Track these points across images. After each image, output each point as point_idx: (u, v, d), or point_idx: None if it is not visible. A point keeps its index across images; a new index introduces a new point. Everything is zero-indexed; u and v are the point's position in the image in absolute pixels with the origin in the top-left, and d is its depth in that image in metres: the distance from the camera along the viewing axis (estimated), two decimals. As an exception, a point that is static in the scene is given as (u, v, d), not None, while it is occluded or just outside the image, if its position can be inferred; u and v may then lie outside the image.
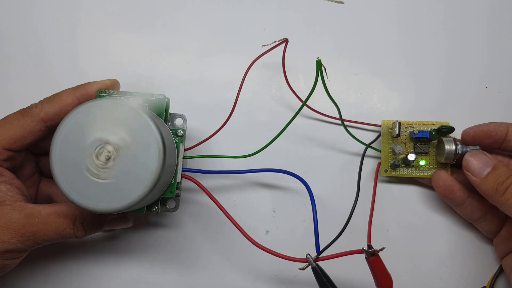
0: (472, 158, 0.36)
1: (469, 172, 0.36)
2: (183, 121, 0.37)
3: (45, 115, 0.33)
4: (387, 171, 0.40)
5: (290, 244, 0.41)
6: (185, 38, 0.44)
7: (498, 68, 0.43)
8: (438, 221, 0.41)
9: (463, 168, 0.37)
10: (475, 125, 0.38)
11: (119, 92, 0.35)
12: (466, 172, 0.36)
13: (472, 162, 0.36)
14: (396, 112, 0.43)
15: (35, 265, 0.40)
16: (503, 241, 0.38)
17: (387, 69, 0.44)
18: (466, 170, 0.36)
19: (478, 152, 0.36)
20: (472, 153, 0.36)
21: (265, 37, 0.44)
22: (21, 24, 0.44)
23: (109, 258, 0.40)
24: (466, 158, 0.36)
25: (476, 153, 0.36)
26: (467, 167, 0.36)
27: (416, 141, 0.40)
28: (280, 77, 0.43)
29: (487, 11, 0.44)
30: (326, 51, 0.44)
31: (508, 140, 0.37)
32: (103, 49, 0.44)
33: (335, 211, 0.41)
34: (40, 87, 0.43)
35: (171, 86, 0.43)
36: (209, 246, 0.41)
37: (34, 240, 0.31)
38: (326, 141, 0.43)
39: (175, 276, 0.40)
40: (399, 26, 0.45)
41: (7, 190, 0.32)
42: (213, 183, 0.42)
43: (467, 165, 0.36)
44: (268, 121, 0.43)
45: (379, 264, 0.33)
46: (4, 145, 0.32)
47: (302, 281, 0.40)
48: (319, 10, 0.45)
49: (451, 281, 0.40)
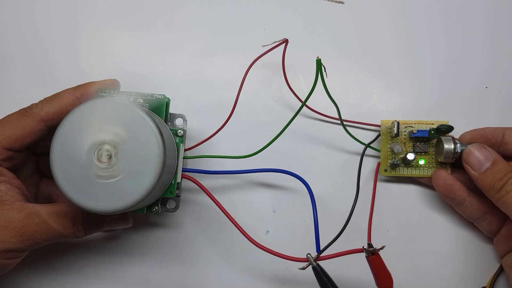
0: (473, 150, 0.36)
1: (469, 165, 0.36)
2: (183, 121, 0.37)
3: (46, 115, 0.33)
4: (387, 171, 0.40)
5: (290, 244, 0.41)
6: (185, 38, 0.44)
7: (498, 68, 0.43)
8: (438, 221, 0.41)
9: (462, 162, 0.37)
10: (471, 130, 0.38)
11: (119, 92, 0.35)
12: (466, 166, 0.36)
13: (473, 154, 0.35)
14: (396, 112, 0.43)
15: (35, 265, 0.39)
16: (504, 240, 0.38)
17: (387, 69, 0.44)
18: (465, 164, 0.36)
19: (480, 145, 0.36)
20: (474, 145, 0.36)
21: (265, 37, 0.44)
22: (21, 24, 0.44)
23: (109, 258, 0.40)
24: (468, 149, 0.36)
25: (478, 146, 0.36)
26: (467, 160, 0.36)
27: (416, 141, 0.40)
28: (280, 77, 0.43)
29: (487, 11, 0.44)
30: (326, 51, 0.44)
31: (505, 143, 0.37)
32: (103, 49, 0.44)
33: (335, 211, 0.41)
34: (40, 87, 0.43)
35: (171, 86, 0.43)
36: (209, 246, 0.41)
37: (34, 240, 0.31)
38: (326, 141, 0.43)
39: (175, 276, 0.40)
40: (399, 26, 0.45)
41: (7, 190, 0.32)
42: (213, 183, 0.42)
43: (467, 158, 0.36)
44: (268, 121, 0.43)
45: (379, 263, 0.33)
46: (4, 145, 0.32)
47: (302, 281, 0.40)
48: (319, 10, 0.45)
49: (451, 281, 0.40)
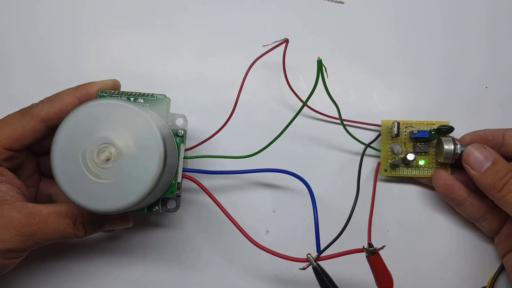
0: (473, 150, 0.36)
1: (469, 165, 0.36)
2: (184, 121, 0.37)
3: (46, 115, 0.33)
4: (387, 171, 0.40)
5: (290, 244, 0.41)
6: (185, 38, 0.44)
7: (498, 68, 0.43)
8: (438, 221, 0.41)
9: (462, 162, 0.37)
10: (471, 131, 0.39)
11: (119, 92, 0.35)
12: (466, 166, 0.36)
13: (473, 154, 0.35)
14: (396, 112, 0.43)
15: (35, 265, 0.39)
16: (505, 239, 0.38)
17: (387, 69, 0.44)
18: (465, 164, 0.36)
19: (480, 145, 0.36)
20: (474, 145, 0.36)
21: (265, 37, 0.44)
22: (21, 24, 0.44)
23: (109, 258, 0.40)
24: (468, 149, 0.36)
25: (478, 146, 0.36)
26: (467, 160, 0.36)
27: (416, 141, 0.40)
28: (280, 77, 0.43)
29: (487, 11, 0.44)
30: (326, 51, 0.44)
31: (505, 144, 0.37)
32: (104, 49, 0.44)
33: (335, 211, 0.41)
34: (40, 87, 0.43)
35: (171, 86, 0.43)
36: (210, 246, 0.41)
37: (34, 240, 0.31)
38: (326, 141, 0.43)
39: (176, 276, 0.40)
40: (399, 26, 0.45)
41: (7, 190, 0.32)
42: (213, 183, 0.42)
43: (467, 158, 0.36)
44: (268, 121, 0.43)
45: (379, 263, 0.33)
46: (4, 145, 0.32)
47: (302, 281, 0.40)
48: (319, 10, 0.45)
49: (451, 281, 0.40)
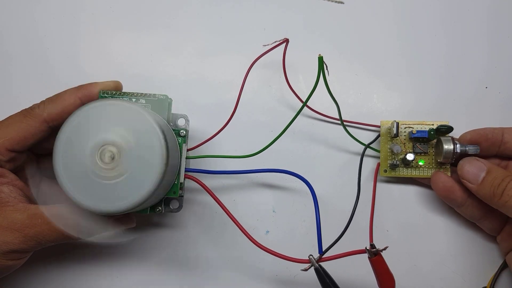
0: (466, 164, 0.36)
1: (465, 180, 0.36)
2: (186, 122, 0.37)
3: (48, 115, 0.33)
4: (387, 171, 0.40)
5: (290, 244, 0.41)
6: (185, 38, 0.44)
7: (498, 68, 0.43)
8: (438, 221, 0.41)
9: (459, 177, 0.37)
10: (471, 130, 0.39)
11: (121, 93, 0.35)
12: (463, 181, 0.37)
13: (467, 169, 0.36)
14: (396, 112, 0.43)
15: (37, 265, 0.39)
16: (507, 237, 0.38)
17: (387, 69, 0.44)
18: (462, 179, 0.37)
19: (471, 159, 0.37)
20: (465, 160, 0.37)
21: (265, 37, 0.44)
22: (22, 24, 0.44)
23: (111, 258, 0.40)
24: (461, 164, 0.37)
25: (469, 159, 0.37)
26: (462, 175, 0.37)
27: (415, 141, 0.40)
28: (280, 77, 0.43)
29: (487, 11, 0.45)
30: (326, 51, 0.44)
31: (505, 142, 0.37)
32: (104, 49, 0.44)
33: (335, 211, 0.41)
34: (41, 87, 0.43)
35: (172, 86, 0.43)
36: (211, 246, 0.41)
37: (37, 241, 0.31)
38: (326, 141, 0.43)
39: (177, 276, 0.40)
40: (399, 26, 0.45)
41: (9, 192, 0.32)
42: (213, 183, 0.42)
43: (462, 174, 0.37)
44: (268, 121, 0.43)
45: (382, 264, 0.33)
46: (7, 146, 0.32)
47: (302, 281, 0.40)
48: (319, 10, 0.45)
49: (451, 281, 0.40)
